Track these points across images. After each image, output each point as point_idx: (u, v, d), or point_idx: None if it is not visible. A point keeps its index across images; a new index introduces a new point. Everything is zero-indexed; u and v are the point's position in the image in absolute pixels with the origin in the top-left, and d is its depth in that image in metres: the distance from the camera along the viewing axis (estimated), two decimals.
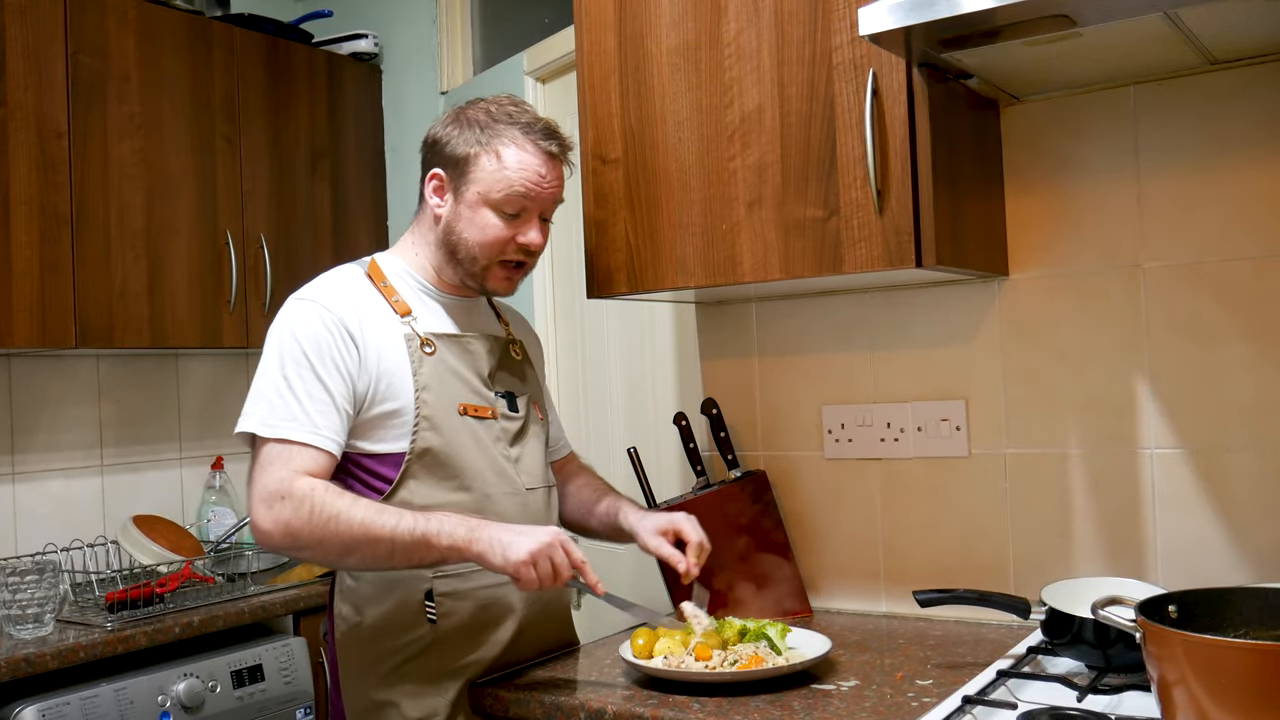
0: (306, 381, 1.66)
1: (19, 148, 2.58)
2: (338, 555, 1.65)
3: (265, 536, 1.63)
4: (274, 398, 1.66)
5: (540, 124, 1.78)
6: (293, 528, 1.61)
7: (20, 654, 2.18)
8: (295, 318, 1.71)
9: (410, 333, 1.74)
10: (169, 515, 3.04)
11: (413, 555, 1.63)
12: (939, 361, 2.10)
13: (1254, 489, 1.82)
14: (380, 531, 1.60)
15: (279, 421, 1.65)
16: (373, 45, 3.51)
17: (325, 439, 1.66)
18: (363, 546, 1.61)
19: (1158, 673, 1.26)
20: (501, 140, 1.75)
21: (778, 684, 1.66)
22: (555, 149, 1.77)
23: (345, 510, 1.61)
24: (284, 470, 1.63)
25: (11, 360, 2.88)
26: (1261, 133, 1.81)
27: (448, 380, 1.75)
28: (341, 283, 1.77)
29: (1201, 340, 1.86)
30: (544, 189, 1.76)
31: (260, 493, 1.63)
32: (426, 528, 1.61)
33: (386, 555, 1.62)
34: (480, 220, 1.75)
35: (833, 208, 1.79)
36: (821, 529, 2.22)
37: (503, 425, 1.81)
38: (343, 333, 1.69)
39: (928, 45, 1.63)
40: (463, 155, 1.76)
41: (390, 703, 1.73)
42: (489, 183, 1.74)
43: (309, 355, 1.67)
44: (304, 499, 1.61)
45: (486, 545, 1.61)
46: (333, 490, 1.63)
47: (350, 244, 3.38)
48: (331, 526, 1.60)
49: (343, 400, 1.68)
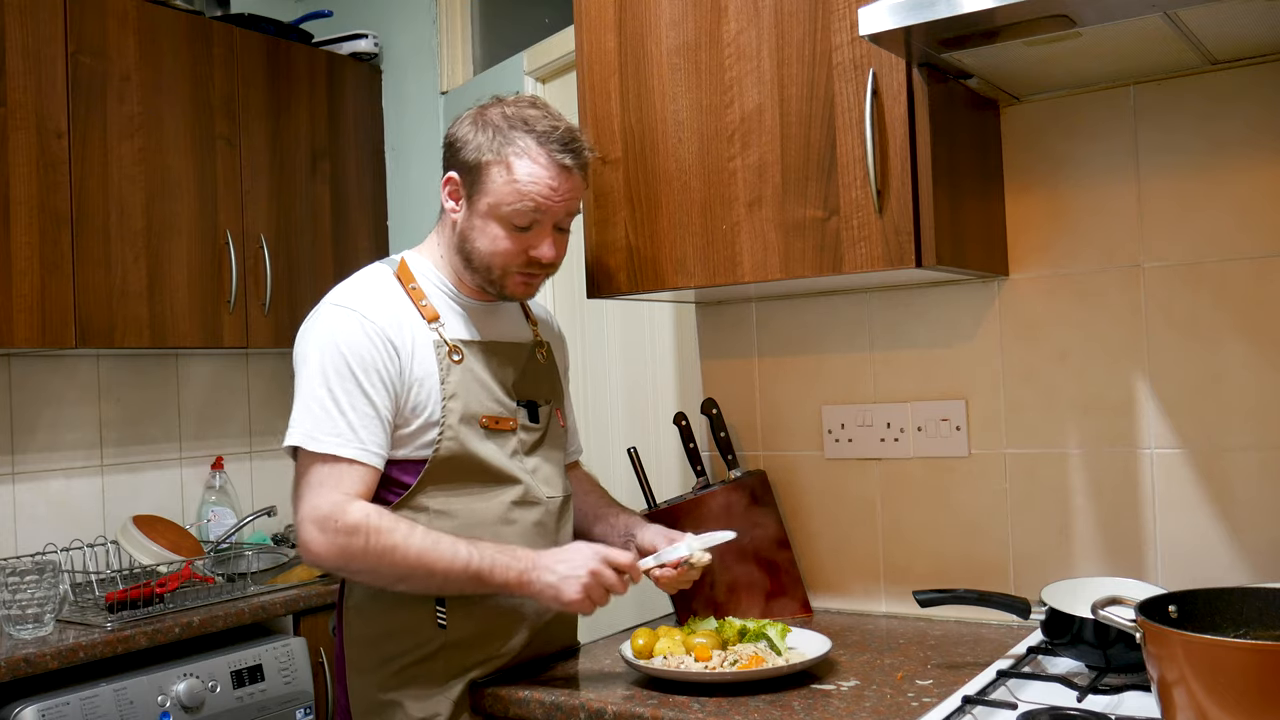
0: (352, 395, 1.65)
1: (19, 148, 2.58)
2: (390, 581, 1.67)
3: (317, 559, 1.64)
4: (319, 412, 1.66)
5: (559, 132, 1.72)
6: (349, 554, 1.62)
7: (20, 654, 2.18)
8: (337, 327, 1.69)
9: (439, 339, 1.74)
10: (169, 515, 3.05)
11: (465, 588, 1.67)
12: (939, 361, 2.10)
13: (1254, 489, 1.82)
14: (435, 564, 1.63)
15: (325, 436, 1.65)
16: (373, 45, 3.51)
17: (371, 454, 1.66)
18: (417, 576, 1.64)
19: (1158, 673, 1.26)
20: (514, 149, 1.70)
21: (778, 684, 1.66)
22: (570, 162, 1.72)
23: (402, 541, 1.62)
24: (335, 493, 1.63)
25: (11, 360, 2.88)
26: (1261, 133, 1.81)
27: (473, 389, 1.75)
28: (377, 287, 1.76)
29: (1201, 340, 1.86)
30: (555, 202, 1.72)
31: (311, 514, 1.63)
32: (480, 565, 1.63)
33: (439, 585, 1.66)
34: (491, 232, 1.73)
35: (833, 208, 1.79)
36: (821, 529, 2.22)
37: (521, 437, 1.80)
38: (386, 344, 1.69)
39: (928, 45, 1.63)
40: (475, 162, 1.72)
41: (395, 703, 1.73)
42: (500, 195, 1.70)
43: (354, 368, 1.66)
44: (358, 527, 1.62)
45: (539, 589, 1.64)
46: (387, 518, 1.64)
47: (350, 244, 3.38)
48: (388, 557, 1.62)
49: (386, 412, 1.68)
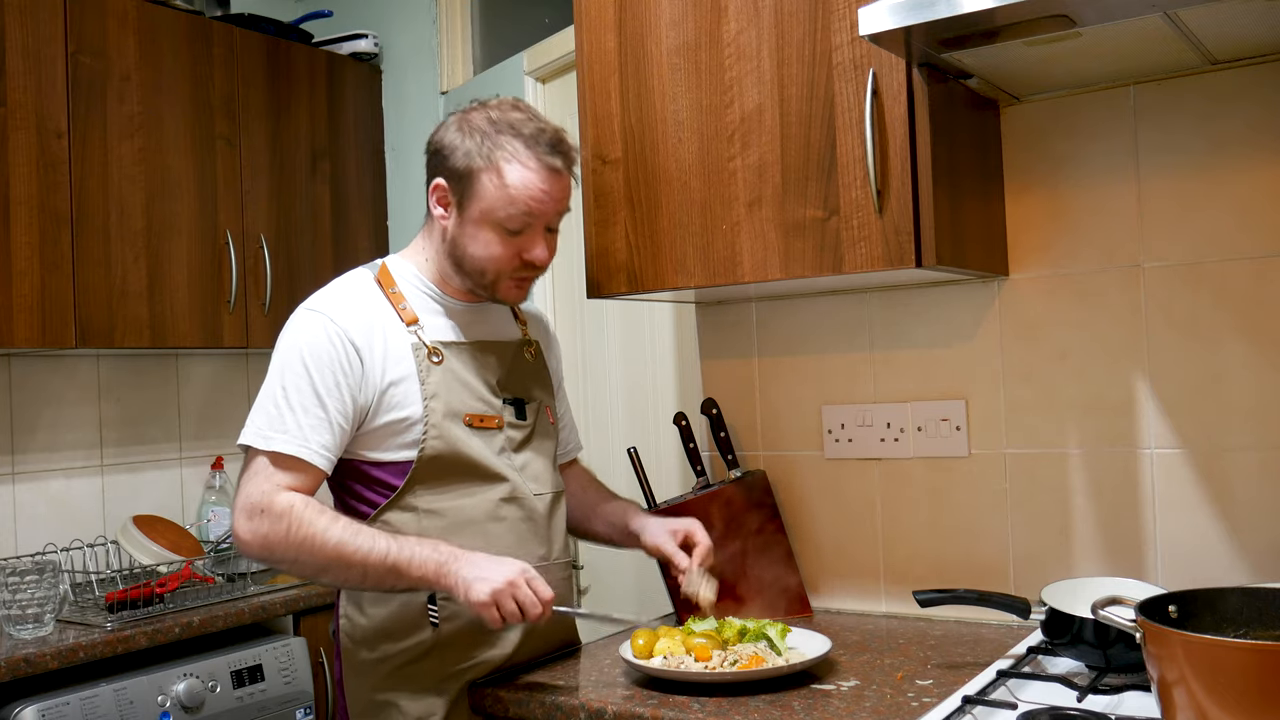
0: (303, 395, 1.66)
1: (19, 148, 2.58)
2: (312, 572, 1.68)
3: (244, 546, 1.65)
4: (270, 409, 1.67)
5: (546, 135, 1.72)
6: (269, 542, 1.63)
7: (20, 654, 2.18)
8: (301, 330, 1.71)
9: (417, 342, 1.74)
10: (169, 515, 3.05)
11: (384, 581, 1.64)
12: (939, 361, 2.09)
13: (1254, 489, 1.82)
14: (353, 555, 1.61)
15: (273, 434, 1.66)
16: (373, 45, 3.51)
17: (315, 454, 1.66)
18: (336, 568, 1.63)
19: (1158, 673, 1.26)
20: (504, 154, 1.69)
21: (778, 684, 1.66)
22: (560, 164, 1.72)
23: (322, 531, 1.62)
24: (267, 483, 1.64)
25: (11, 360, 2.88)
26: (1261, 133, 1.81)
27: (455, 390, 1.75)
28: (350, 292, 1.77)
29: (1201, 340, 1.86)
30: (547, 205, 1.71)
31: (243, 503, 1.65)
32: (399, 556, 1.62)
33: (359, 578, 1.65)
34: (484, 238, 1.72)
35: (833, 208, 1.79)
36: (821, 529, 2.22)
37: (508, 434, 1.80)
38: (347, 346, 1.69)
39: (928, 45, 1.63)
40: (464, 169, 1.71)
41: (390, 703, 1.73)
42: (492, 201, 1.70)
43: (309, 369, 1.67)
44: (283, 515, 1.62)
45: (453, 581, 1.62)
46: (313, 507, 1.64)
47: (350, 244, 3.38)
48: (307, 545, 1.62)
49: (338, 415, 1.67)
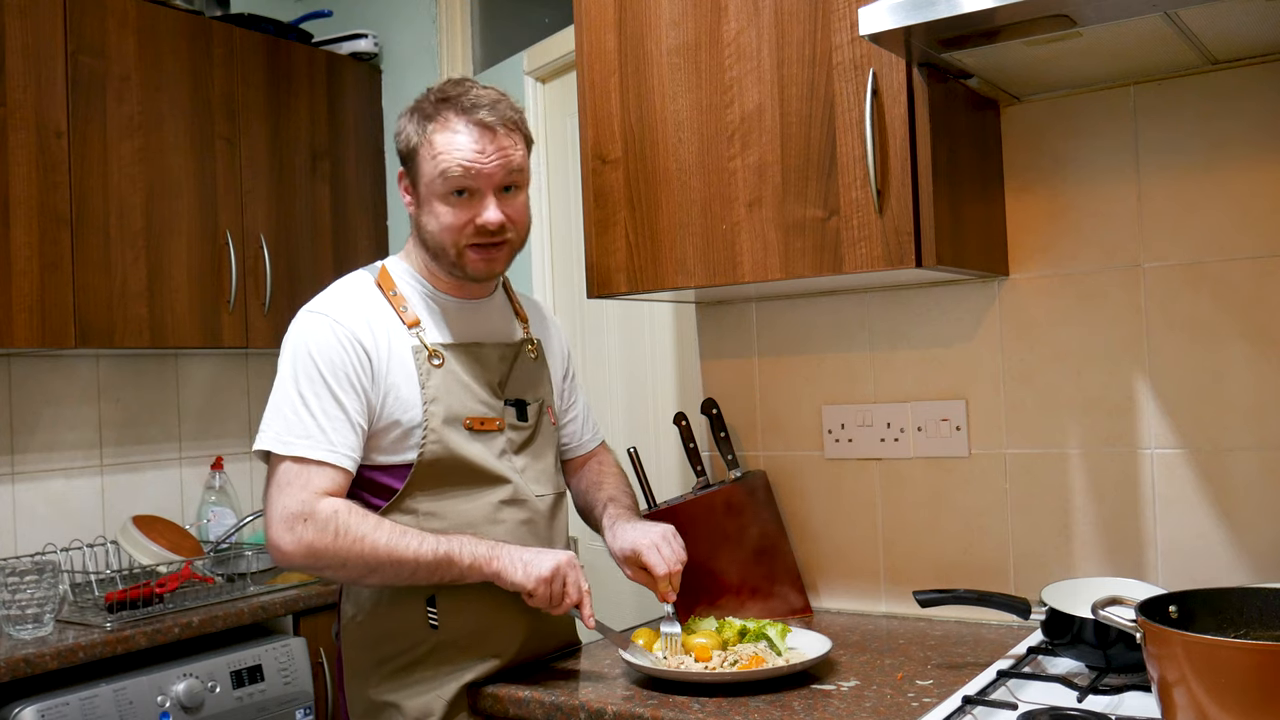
0: (322, 398, 1.66)
1: (19, 148, 2.58)
2: (359, 575, 1.67)
3: (286, 558, 1.64)
4: (290, 414, 1.66)
5: (481, 99, 1.69)
6: (315, 549, 1.62)
7: (20, 654, 2.18)
8: (309, 332, 1.70)
9: (418, 344, 1.74)
10: (169, 515, 3.05)
11: (435, 573, 1.66)
12: (939, 361, 2.09)
13: (1254, 489, 1.82)
14: (404, 554, 1.63)
15: (295, 439, 1.65)
16: (372, 45, 3.51)
17: (341, 456, 1.66)
18: (386, 567, 1.64)
19: (1158, 673, 1.26)
20: (434, 125, 1.70)
21: (778, 684, 1.66)
22: (490, 117, 1.68)
23: (370, 533, 1.63)
24: (303, 491, 1.63)
25: (11, 360, 2.88)
26: (1261, 133, 1.81)
27: (456, 392, 1.75)
28: (353, 294, 1.76)
29: (1201, 340, 1.86)
30: (483, 164, 1.68)
31: (280, 514, 1.63)
32: (449, 547, 1.65)
33: (409, 575, 1.66)
34: (436, 210, 1.72)
35: (833, 208, 1.79)
36: (821, 529, 2.22)
37: (509, 436, 1.80)
38: (357, 347, 1.69)
39: (928, 45, 1.63)
40: (407, 151, 1.74)
41: (391, 703, 1.73)
42: (429, 172, 1.70)
43: (324, 371, 1.67)
44: (328, 521, 1.62)
45: (506, 562, 1.66)
46: (356, 512, 1.65)
47: (350, 244, 3.38)
48: (356, 549, 1.62)
49: (357, 416, 1.68)
